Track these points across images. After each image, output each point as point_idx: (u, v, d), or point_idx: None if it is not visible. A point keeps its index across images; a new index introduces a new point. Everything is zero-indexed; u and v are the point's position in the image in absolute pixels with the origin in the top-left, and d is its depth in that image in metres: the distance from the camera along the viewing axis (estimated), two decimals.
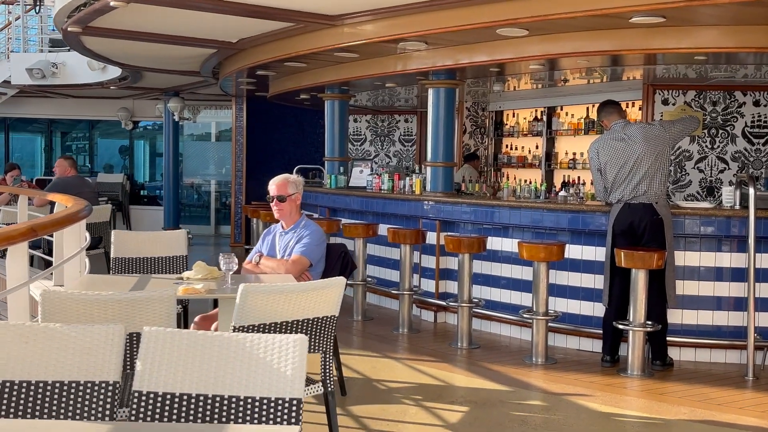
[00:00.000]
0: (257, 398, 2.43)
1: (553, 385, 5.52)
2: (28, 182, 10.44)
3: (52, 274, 5.18)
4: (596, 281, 6.35)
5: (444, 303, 7.36)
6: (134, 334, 3.18)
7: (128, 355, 3.15)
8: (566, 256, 6.21)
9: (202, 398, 2.45)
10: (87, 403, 2.47)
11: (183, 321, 5.84)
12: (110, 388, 2.48)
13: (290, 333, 3.58)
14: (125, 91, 14.07)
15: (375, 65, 7.77)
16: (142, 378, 2.46)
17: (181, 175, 15.58)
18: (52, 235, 5.55)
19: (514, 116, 11.33)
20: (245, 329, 3.45)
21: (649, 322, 5.74)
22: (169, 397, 2.45)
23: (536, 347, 6.08)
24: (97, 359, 2.50)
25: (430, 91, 7.66)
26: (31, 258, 7.71)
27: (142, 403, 2.44)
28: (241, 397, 2.44)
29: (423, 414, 4.85)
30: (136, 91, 14.27)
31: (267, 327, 3.52)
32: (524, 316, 6.26)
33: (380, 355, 6.34)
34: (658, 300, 5.86)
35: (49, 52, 13.39)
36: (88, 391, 2.48)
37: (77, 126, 17.24)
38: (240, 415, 2.42)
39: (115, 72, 12.04)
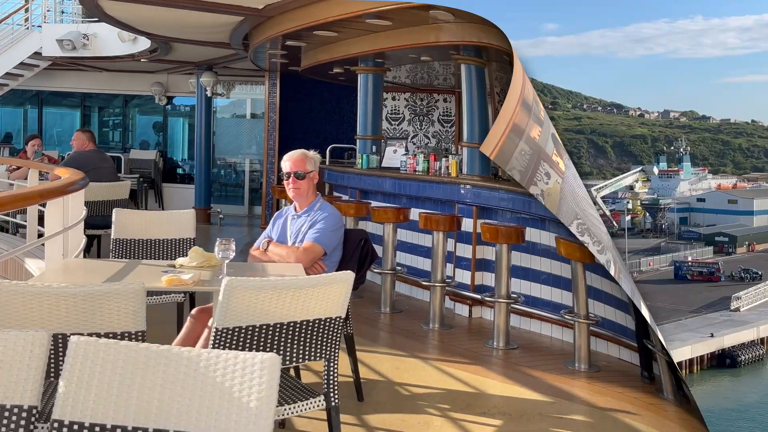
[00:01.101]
0: None
1: (598, 398, 4.83)
2: (49, 156, 9.98)
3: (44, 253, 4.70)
4: None
5: (479, 297, 6.70)
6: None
7: None
8: None
9: None
10: None
11: (189, 310, 5.34)
12: (24, 414, 1.92)
13: (286, 337, 2.99)
14: (158, 64, 13.62)
15: (408, 35, 7.10)
16: (65, 403, 1.89)
17: (215, 154, 15.09)
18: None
19: None
20: (230, 332, 2.87)
21: None
22: (98, 429, 1.88)
23: (579, 351, 5.40)
24: (10, 376, 1.93)
25: (463, 67, 7.00)
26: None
27: None
28: None
29: (449, 427, 4.24)
30: (168, 65, 13.81)
31: (257, 330, 2.93)
32: (566, 316, 5.59)
33: (406, 353, 5.72)
34: None
35: (81, 23, 13.01)
36: None
37: (113, 101, 16.88)
38: None
39: (145, 44, 11.59)
